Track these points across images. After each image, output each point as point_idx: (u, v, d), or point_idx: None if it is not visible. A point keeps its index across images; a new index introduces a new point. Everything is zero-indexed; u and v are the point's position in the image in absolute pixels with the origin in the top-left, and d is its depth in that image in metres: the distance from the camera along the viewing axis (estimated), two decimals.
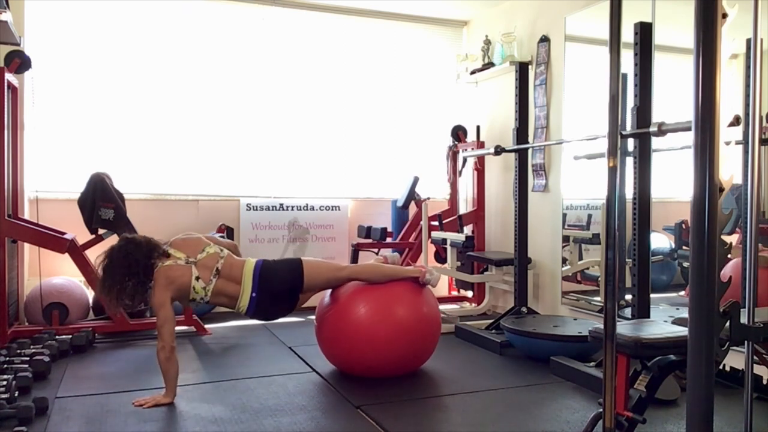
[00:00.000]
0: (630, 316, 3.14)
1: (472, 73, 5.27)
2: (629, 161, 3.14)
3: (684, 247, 3.56)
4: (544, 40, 4.56)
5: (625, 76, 3.10)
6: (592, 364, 3.15)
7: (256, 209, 5.07)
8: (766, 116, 2.86)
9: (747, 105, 2.73)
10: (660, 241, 3.65)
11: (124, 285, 2.84)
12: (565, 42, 4.38)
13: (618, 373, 1.94)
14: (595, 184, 4.16)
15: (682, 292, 3.66)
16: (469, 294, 5.28)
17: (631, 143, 3.11)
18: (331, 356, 3.27)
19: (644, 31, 3.04)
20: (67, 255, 3.92)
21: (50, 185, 4.50)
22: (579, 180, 4.29)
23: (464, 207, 5.45)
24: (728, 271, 2.83)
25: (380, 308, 3.07)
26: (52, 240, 3.90)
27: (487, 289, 5.03)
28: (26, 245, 4.23)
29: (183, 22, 4.92)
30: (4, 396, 2.62)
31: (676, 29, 3.58)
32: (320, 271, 3.08)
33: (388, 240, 5.08)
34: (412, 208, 5.22)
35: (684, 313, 2.08)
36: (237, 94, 5.08)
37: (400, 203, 5.19)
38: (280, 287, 3.00)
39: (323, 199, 5.27)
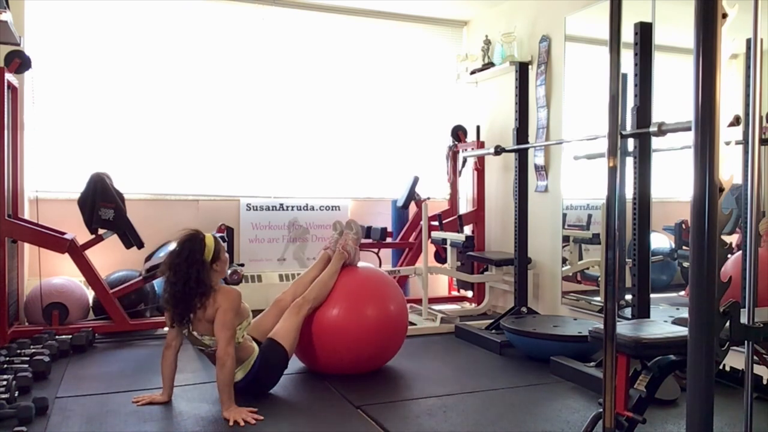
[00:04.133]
0: (630, 316, 3.14)
1: (472, 73, 5.27)
2: (629, 161, 3.14)
3: (684, 247, 3.56)
4: (544, 40, 4.56)
5: (625, 76, 3.09)
6: (592, 364, 3.15)
7: (256, 209, 5.07)
8: (766, 116, 2.86)
9: (747, 105, 2.73)
10: (660, 241, 3.65)
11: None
12: (565, 42, 4.38)
13: (618, 373, 1.94)
14: (595, 184, 4.16)
15: (682, 292, 3.66)
16: (469, 294, 5.28)
17: (631, 143, 3.11)
18: (301, 355, 3.29)
19: (644, 31, 3.04)
20: (67, 255, 3.91)
21: (50, 185, 4.50)
22: (579, 180, 4.29)
23: (464, 207, 5.46)
24: (728, 269, 2.83)
25: (349, 309, 3.15)
26: (52, 240, 3.90)
27: (487, 289, 5.03)
28: (26, 245, 4.23)
29: (183, 22, 4.92)
30: (4, 396, 2.62)
31: (676, 29, 3.58)
32: (295, 335, 3.02)
33: (388, 240, 5.09)
34: (412, 208, 5.22)
35: (684, 313, 2.08)
36: (237, 94, 5.08)
37: (400, 203, 5.19)
38: (275, 375, 2.99)
39: (323, 199, 5.26)
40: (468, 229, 5.22)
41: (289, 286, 3.29)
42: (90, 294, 4.18)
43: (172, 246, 2.78)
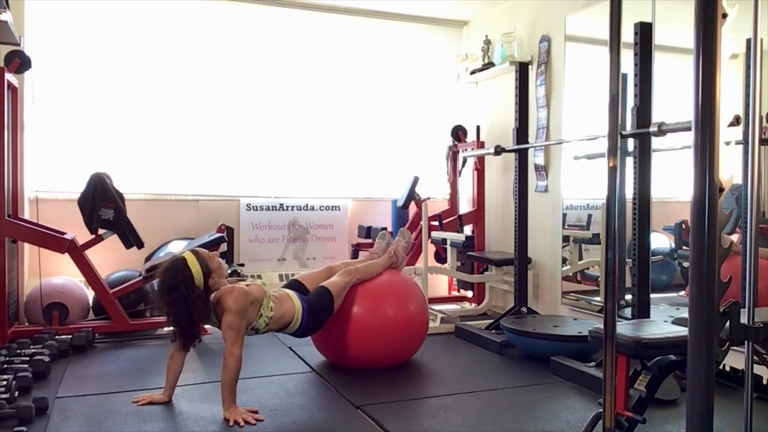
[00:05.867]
0: (630, 316, 3.14)
1: (472, 73, 5.27)
2: (629, 161, 3.14)
3: (684, 247, 3.56)
4: (544, 40, 4.56)
5: (625, 76, 3.09)
6: (592, 364, 3.15)
7: (256, 209, 5.07)
8: (766, 116, 2.86)
9: (747, 105, 2.73)
10: (660, 241, 3.65)
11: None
12: (565, 42, 4.38)
13: (618, 373, 1.94)
14: (595, 184, 4.16)
15: (682, 292, 3.66)
16: (469, 294, 5.28)
17: (631, 143, 3.11)
18: (324, 349, 3.45)
19: (644, 31, 3.04)
20: (67, 255, 3.91)
21: (50, 185, 4.50)
22: (579, 180, 4.29)
23: (464, 207, 5.45)
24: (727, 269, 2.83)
25: (372, 306, 3.30)
26: (52, 240, 3.89)
27: (487, 289, 5.03)
28: (26, 245, 4.23)
29: (183, 22, 4.92)
30: (4, 396, 2.62)
31: (676, 29, 3.58)
32: (342, 290, 3.23)
33: None
34: (412, 208, 5.22)
35: (684, 313, 2.08)
36: (237, 94, 5.08)
37: (400, 203, 5.19)
38: (323, 319, 3.18)
39: (323, 199, 5.27)
40: (468, 229, 5.22)
41: (340, 263, 3.51)
42: (90, 294, 4.18)
43: (159, 282, 2.72)
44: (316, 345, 3.48)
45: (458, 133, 5.37)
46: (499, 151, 4.19)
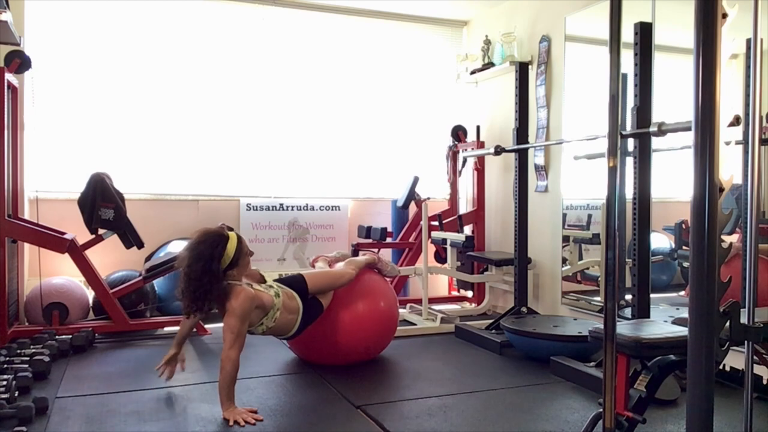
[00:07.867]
0: (630, 316, 3.14)
1: (472, 73, 5.27)
2: (629, 161, 3.14)
3: (684, 247, 3.56)
4: (544, 40, 4.56)
5: (625, 76, 3.10)
6: (592, 364, 3.15)
7: (256, 209, 5.07)
8: (766, 116, 2.86)
9: (747, 105, 2.73)
10: (660, 241, 3.65)
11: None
12: (565, 42, 4.38)
13: (618, 373, 1.94)
14: (595, 184, 4.16)
15: (682, 292, 3.66)
16: (469, 294, 5.28)
17: (631, 143, 3.11)
18: (295, 347, 3.51)
19: (644, 31, 3.04)
20: (67, 255, 3.91)
21: (50, 185, 4.50)
22: (579, 180, 4.29)
23: (464, 207, 5.45)
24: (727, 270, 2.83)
25: (346, 302, 3.35)
26: (52, 240, 3.89)
27: (487, 289, 5.03)
28: (26, 245, 4.23)
29: (183, 22, 4.92)
30: (4, 396, 2.62)
31: (676, 29, 3.58)
32: (327, 289, 3.26)
33: (388, 240, 5.08)
34: (412, 208, 5.22)
35: (684, 313, 2.08)
36: (237, 94, 5.08)
37: (400, 203, 5.19)
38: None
39: (323, 199, 5.27)
40: (468, 229, 5.22)
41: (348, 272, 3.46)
42: (90, 294, 4.18)
43: (194, 240, 2.73)
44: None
45: (458, 133, 5.37)
46: (499, 151, 4.19)
